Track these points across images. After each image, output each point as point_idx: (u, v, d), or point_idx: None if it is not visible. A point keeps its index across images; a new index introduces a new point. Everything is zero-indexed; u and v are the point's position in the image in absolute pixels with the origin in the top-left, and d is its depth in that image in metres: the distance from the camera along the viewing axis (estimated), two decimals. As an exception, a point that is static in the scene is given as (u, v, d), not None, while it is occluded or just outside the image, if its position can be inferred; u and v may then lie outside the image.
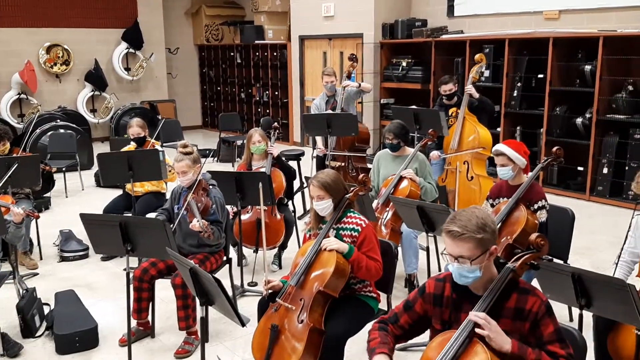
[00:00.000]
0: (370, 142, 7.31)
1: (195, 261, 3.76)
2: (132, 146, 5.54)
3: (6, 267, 4.85)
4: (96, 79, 11.65)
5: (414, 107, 7.18)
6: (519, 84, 7.76)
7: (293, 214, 5.43)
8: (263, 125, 8.88)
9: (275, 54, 11.65)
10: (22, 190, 5.41)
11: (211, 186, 4.04)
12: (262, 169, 4.93)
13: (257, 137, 5.04)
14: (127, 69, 12.13)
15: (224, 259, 4.16)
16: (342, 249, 3.05)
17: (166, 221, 3.50)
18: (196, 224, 3.70)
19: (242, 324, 2.75)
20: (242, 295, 4.60)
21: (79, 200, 7.49)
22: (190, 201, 3.78)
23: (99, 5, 11.70)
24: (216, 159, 9.79)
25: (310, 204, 3.27)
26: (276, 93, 11.84)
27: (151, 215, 4.81)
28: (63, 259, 5.39)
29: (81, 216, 3.41)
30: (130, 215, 5.07)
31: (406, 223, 4.29)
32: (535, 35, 7.65)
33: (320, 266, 3.05)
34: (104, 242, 3.47)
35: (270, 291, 3.12)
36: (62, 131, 8.77)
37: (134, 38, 12.02)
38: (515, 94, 7.82)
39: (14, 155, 5.31)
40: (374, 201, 4.70)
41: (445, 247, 2.23)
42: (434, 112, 5.92)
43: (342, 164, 6.51)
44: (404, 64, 9.21)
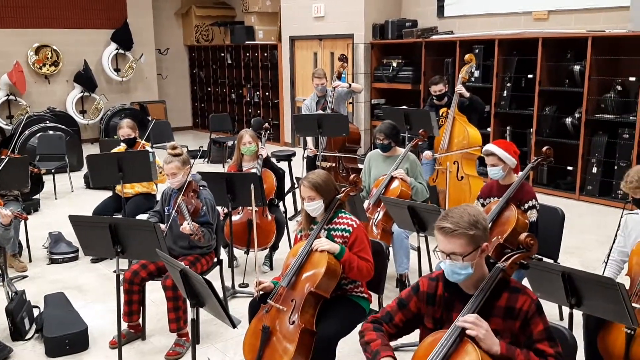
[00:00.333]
0: (361, 142, 7.32)
1: (186, 263, 3.75)
2: (122, 147, 5.52)
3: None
4: (85, 80, 11.58)
5: (404, 107, 7.19)
6: (508, 84, 7.80)
7: (284, 214, 5.42)
8: (254, 126, 8.87)
9: (265, 54, 11.64)
10: (11, 192, 5.38)
11: (201, 187, 4.03)
12: (253, 170, 4.92)
13: (248, 138, 5.02)
14: (116, 69, 12.06)
15: (215, 260, 4.15)
16: (333, 250, 3.05)
17: (157, 223, 3.48)
18: (187, 226, 3.69)
19: (233, 326, 2.74)
20: (233, 297, 4.58)
21: (68, 202, 7.45)
22: (181, 203, 3.76)
23: (88, 6, 11.63)
24: (207, 160, 9.77)
25: (302, 204, 3.26)
26: (267, 94, 11.82)
27: (141, 216, 4.79)
28: (52, 261, 5.36)
29: (70, 218, 3.39)
30: (120, 216, 5.05)
31: (397, 223, 4.30)
32: (524, 35, 7.69)
33: (312, 267, 3.05)
34: (93, 244, 3.45)
35: (261, 292, 3.11)
36: (51, 132, 8.71)
37: (123, 39, 11.95)
38: (505, 94, 7.86)
39: (3, 157, 5.27)
40: (365, 201, 4.71)
41: (437, 245, 2.23)
42: (424, 112, 5.93)
43: (333, 164, 6.51)
44: (394, 64, 9.22)
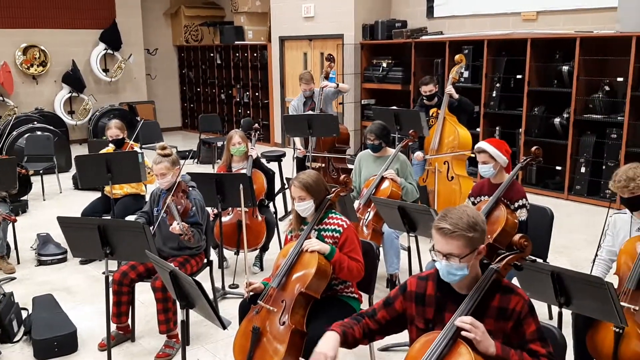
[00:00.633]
0: (351, 142, 7.33)
1: (176, 264, 3.73)
2: (111, 148, 5.49)
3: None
4: (74, 80, 11.51)
5: (394, 107, 7.21)
6: (497, 85, 7.83)
7: (274, 215, 5.41)
8: (243, 126, 8.85)
9: (255, 54, 11.62)
10: (-2, 193, 5.35)
11: (191, 188, 4.01)
12: (243, 171, 4.90)
13: (237, 138, 5.01)
14: (105, 70, 11.99)
15: (205, 261, 4.13)
16: (323, 250, 3.05)
17: (145, 224, 3.46)
18: (176, 226, 3.67)
19: (223, 327, 2.74)
20: (223, 298, 4.57)
21: (56, 203, 7.40)
22: (170, 204, 3.74)
23: (76, 6, 11.55)
24: (196, 160, 9.73)
25: (292, 205, 3.26)
26: (257, 94, 11.80)
27: (130, 217, 4.76)
28: (41, 262, 5.32)
29: (59, 219, 3.36)
30: (109, 218, 5.02)
31: (387, 223, 4.30)
32: (513, 36, 7.73)
33: (302, 267, 3.04)
34: (82, 245, 3.42)
35: (251, 293, 3.10)
36: (39, 133, 8.66)
37: (112, 39, 11.89)
38: (494, 95, 7.89)
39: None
40: (355, 202, 4.71)
41: (433, 244, 2.23)
42: (414, 112, 5.95)
43: (322, 165, 6.51)
44: (384, 64, 9.23)
